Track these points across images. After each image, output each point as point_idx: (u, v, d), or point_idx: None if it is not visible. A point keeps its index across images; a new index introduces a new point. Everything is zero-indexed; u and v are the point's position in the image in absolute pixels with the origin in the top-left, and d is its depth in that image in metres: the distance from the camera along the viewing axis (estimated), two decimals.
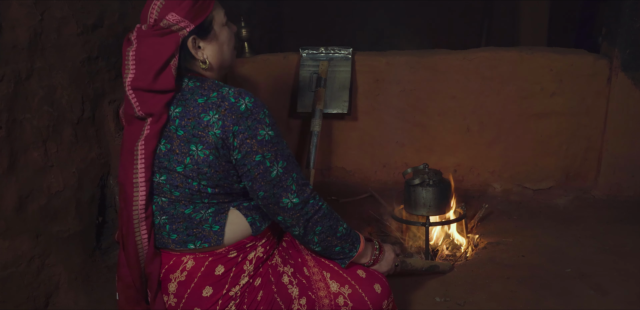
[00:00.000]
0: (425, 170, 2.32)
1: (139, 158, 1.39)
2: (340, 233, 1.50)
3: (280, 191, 1.39)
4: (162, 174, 1.42)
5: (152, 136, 1.38)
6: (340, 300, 1.50)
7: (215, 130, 1.34)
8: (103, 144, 2.28)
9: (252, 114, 1.35)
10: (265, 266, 1.53)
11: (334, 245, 1.50)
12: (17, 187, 1.86)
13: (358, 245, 1.54)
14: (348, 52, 2.87)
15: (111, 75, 2.31)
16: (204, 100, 1.36)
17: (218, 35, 1.46)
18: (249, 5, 3.96)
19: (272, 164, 1.38)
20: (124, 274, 1.48)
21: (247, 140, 1.34)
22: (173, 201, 1.45)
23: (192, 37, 1.39)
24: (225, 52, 1.49)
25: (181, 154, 1.38)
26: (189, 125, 1.36)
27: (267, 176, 1.38)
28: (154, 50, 1.35)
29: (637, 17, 2.66)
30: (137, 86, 1.36)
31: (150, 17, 1.38)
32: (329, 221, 1.47)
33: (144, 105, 1.37)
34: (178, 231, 1.45)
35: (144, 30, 1.38)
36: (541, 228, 2.61)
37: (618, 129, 2.81)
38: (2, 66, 1.78)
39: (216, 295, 1.45)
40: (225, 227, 1.45)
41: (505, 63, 2.80)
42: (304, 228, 1.44)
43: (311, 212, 1.43)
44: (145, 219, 1.43)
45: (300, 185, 1.42)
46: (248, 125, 1.34)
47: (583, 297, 2.05)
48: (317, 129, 2.70)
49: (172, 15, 1.35)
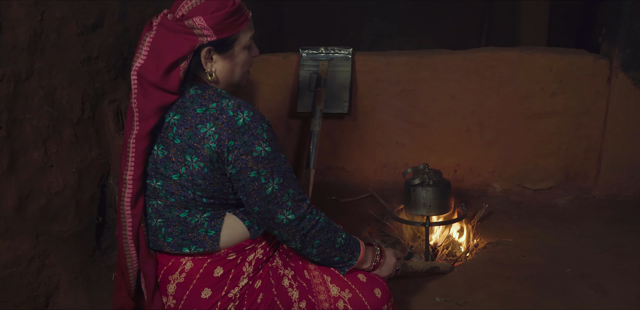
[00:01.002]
0: (425, 170, 2.32)
1: (130, 156, 1.39)
2: (339, 244, 1.49)
3: (276, 207, 1.37)
4: (159, 180, 1.41)
5: (142, 136, 1.37)
6: (340, 304, 1.49)
7: (210, 144, 1.32)
8: (103, 144, 2.28)
9: (249, 129, 1.32)
10: (266, 268, 1.52)
11: (332, 256, 1.50)
12: (17, 187, 1.85)
13: (358, 253, 1.53)
14: (348, 52, 2.87)
15: (111, 75, 2.31)
16: (203, 111, 1.34)
17: (235, 56, 1.43)
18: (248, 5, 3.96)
19: (268, 181, 1.35)
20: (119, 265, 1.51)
21: (242, 156, 1.32)
22: (168, 205, 1.44)
23: (208, 48, 1.36)
24: (236, 73, 1.46)
25: (177, 162, 1.37)
26: (186, 134, 1.34)
27: (262, 192, 1.36)
28: (170, 45, 1.32)
29: (637, 17, 2.66)
30: (143, 75, 1.35)
31: (180, 9, 1.35)
32: (326, 234, 1.45)
33: (140, 97, 1.36)
34: (173, 235, 1.44)
35: (168, 20, 1.34)
36: (541, 228, 2.61)
37: (618, 129, 2.81)
38: (2, 66, 1.78)
39: (215, 297, 1.45)
40: (221, 232, 1.44)
41: (505, 63, 2.80)
42: (301, 242, 1.43)
43: (308, 227, 1.42)
44: (131, 215, 1.42)
45: (297, 201, 1.40)
46: (244, 141, 1.32)
47: (583, 297, 2.05)
48: (317, 129, 2.70)
49: (200, 20, 1.32)
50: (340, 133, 3.03)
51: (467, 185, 2.99)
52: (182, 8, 1.34)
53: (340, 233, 1.50)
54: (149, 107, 1.35)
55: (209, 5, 1.34)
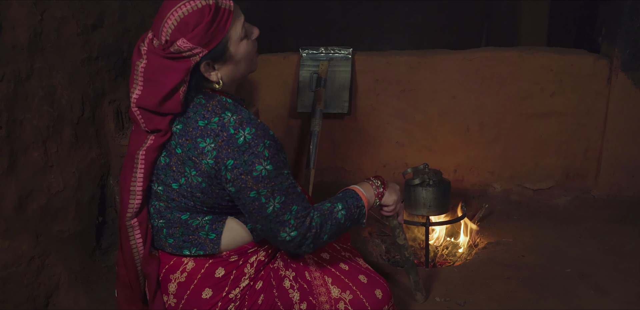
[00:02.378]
0: (425, 170, 2.32)
1: (138, 167, 1.38)
2: (343, 218, 1.43)
3: (278, 226, 1.33)
4: (160, 185, 1.41)
5: (154, 148, 1.35)
6: (341, 305, 1.49)
7: (208, 160, 1.29)
8: (103, 144, 2.28)
9: (249, 148, 1.28)
10: (267, 269, 1.52)
11: (345, 228, 1.45)
12: (17, 187, 1.85)
13: (362, 203, 1.48)
14: (348, 52, 2.87)
15: (111, 75, 2.31)
16: (204, 124, 1.31)
17: (234, 54, 1.35)
18: (249, 5, 3.96)
19: (268, 200, 1.31)
20: (121, 274, 1.49)
21: (241, 176, 1.28)
22: (170, 207, 1.43)
23: (205, 62, 1.31)
24: (242, 68, 1.41)
25: (177, 172, 1.35)
26: (186, 146, 1.33)
27: (263, 212, 1.32)
28: (163, 74, 1.28)
29: (637, 17, 2.66)
30: (143, 106, 1.32)
31: (161, 34, 1.28)
32: (328, 223, 1.40)
33: (150, 123, 1.34)
34: (174, 236, 1.44)
35: (155, 47, 1.29)
36: (541, 228, 2.61)
37: (618, 129, 2.81)
38: (2, 66, 1.78)
39: (216, 297, 1.45)
40: (222, 235, 1.43)
41: (505, 63, 2.80)
42: (313, 246, 1.39)
43: (311, 237, 1.37)
44: (138, 225, 1.42)
45: (299, 218, 1.35)
46: (244, 160, 1.27)
47: (583, 297, 2.05)
48: (317, 129, 2.70)
49: (183, 42, 1.25)
50: (340, 133, 3.03)
51: (467, 185, 2.99)
52: (162, 32, 1.28)
53: (336, 209, 1.43)
54: (163, 126, 1.33)
55: (187, 21, 1.26)
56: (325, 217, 1.40)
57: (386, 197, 1.58)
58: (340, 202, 1.46)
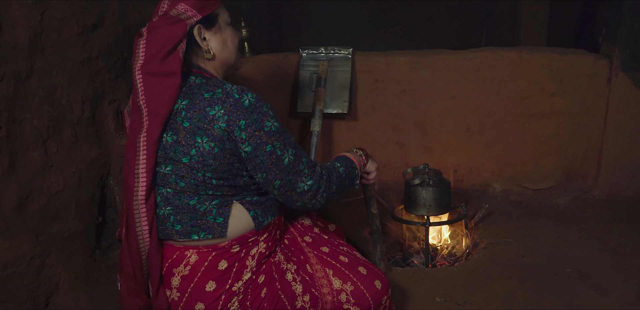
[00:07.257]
0: (425, 170, 2.32)
1: (141, 149, 1.42)
2: (344, 173, 1.62)
3: (295, 176, 1.47)
4: (168, 165, 1.45)
5: (153, 128, 1.42)
6: (342, 296, 1.55)
7: (220, 124, 1.40)
8: (103, 144, 2.28)
9: (256, 108, 1.42)
10: (269, 263, 1.55)
11: (345, 185, 1.63)
12: (17, 187, 1.86)
13: (354, 164, 1.69)
14: (348, 52, 2.87)
15: (111, 75, 2.31)
16: (210, 95, 1.43)
17: (222, 30, 1.55)
18: (249, 5, 3.96)
19: (283, 152, 1.45)
20: (125, 264, 1.49)
21: (255, 132, 1.41)
22: (178, 192, 1.47)
23: (198, 26, 1.48)
24: (229, 47, 1.58)
25: (187, 145, 1.42)
26: (195, 117, 1.41)
27: (281, 164, 1.44)
28: (164, 36, 1.44)
29: (637, 17, 2.66)
30: (147, 70, 1.43)
31: (161, 9, 1.49)
32: (334, 174, 1.57)
33: (148, 94, 1.42)
34: (182, 222, 1.47)
35: (155, 21, 1.47)
36: (541, 228, 2.61)
37: (618, 129, 2.81)
38: (2, 66, 1.78)
39: (219, 290, 1.47)
40: (228, 220, 1.48)
41: (505, 63, 2.80)
42: (325, 195, 1.53)
43: (324, 184, 1.52)
44: (146, 210, 1.44)
45: (311, 168, 1.51)
46: (254, 119, 1.41)
47: (583, 297, 2.05)
48: (317, 129, 2.70)
49: (182, 5, 1.47)
50: (340, 133, 3.03)
51: (467, 185, 2.99)
52: (162, 8, 1.49)
53: (336, 165, 1.62)
54: (160, 99, 1.41)
55: None
56: (330, 169, 1.58)
57: (369, 165, 1.79)
58: (338, 161, 1.66)
